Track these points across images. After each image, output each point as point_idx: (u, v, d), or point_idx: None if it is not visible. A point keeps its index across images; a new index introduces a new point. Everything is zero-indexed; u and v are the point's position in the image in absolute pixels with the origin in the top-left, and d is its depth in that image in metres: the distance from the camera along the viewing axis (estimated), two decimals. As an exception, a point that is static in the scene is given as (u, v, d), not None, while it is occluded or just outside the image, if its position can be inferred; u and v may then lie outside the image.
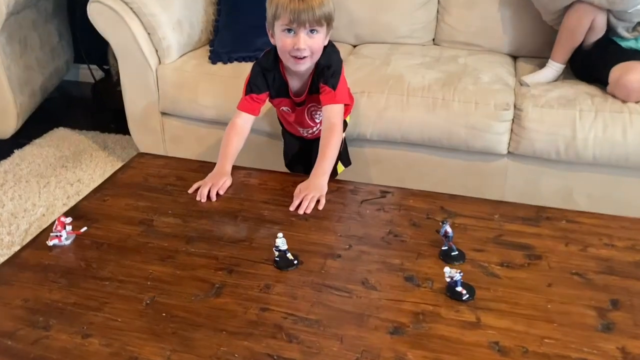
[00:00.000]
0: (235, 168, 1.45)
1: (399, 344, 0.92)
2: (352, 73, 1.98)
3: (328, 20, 1.41)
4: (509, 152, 1.83)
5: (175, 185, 1.38)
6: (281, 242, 1.10)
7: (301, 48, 1.38)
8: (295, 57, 1.41)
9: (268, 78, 1.52)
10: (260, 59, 1.55)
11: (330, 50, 1.49)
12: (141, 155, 1.56)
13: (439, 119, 1.80)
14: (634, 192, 1.79)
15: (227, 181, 1.38)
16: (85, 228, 1.20)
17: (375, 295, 1.03)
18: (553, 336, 0.94)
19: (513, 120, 1.79)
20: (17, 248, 1.84)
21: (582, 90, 1.82)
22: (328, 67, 1.46)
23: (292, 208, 1.28)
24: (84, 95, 3.06)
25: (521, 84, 1.92)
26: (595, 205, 1.78)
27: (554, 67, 1.93)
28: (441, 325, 0.96)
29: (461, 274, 1.01)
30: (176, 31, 2.09)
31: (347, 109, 1.68)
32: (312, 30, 1.38)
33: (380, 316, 0.98)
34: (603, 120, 1.71)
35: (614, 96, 1.78)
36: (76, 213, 1.27)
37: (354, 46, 2.33)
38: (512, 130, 1.80)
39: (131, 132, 2.29)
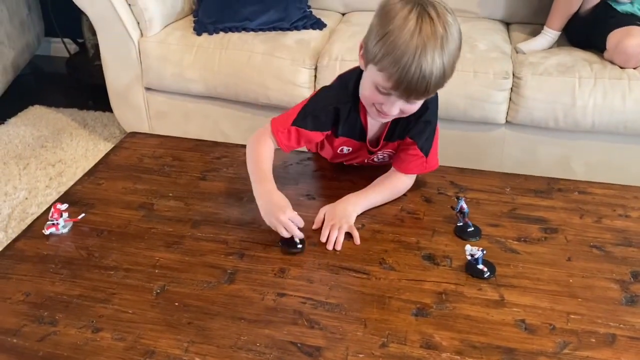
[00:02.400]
0: (233, 146, 1.39)
1: (424, 326, 0.90)
2: (346, 40, 1.92)
3: (441, 87, 1.03)
4: (507, 121, 1.81)
5: (172, 166, 1.32)
6: None
7: (390, 115, 1.06)
8: (380, 112, 1.08)
9: (341, 113, 1.14)
10: (336, 85, 1.17)
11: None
12: (133, 134, 1.48)
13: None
14: (630, 159, 1.79)
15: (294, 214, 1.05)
16: (83, 214, 1.14)
17: (395, 276, 1.00)
18: (579, 312, 0.92)
19: (512, 89, 1.76)
20: (1, 234, 1.77)
21: (579, 57, 1.80)
22: (427, 123, 1.15)
23: (323, 239, 1.06)
24: (58, 71, 2.92)
25: (517, 52, 1.89)
26: (593, 173, 1.78)
27: (549, 35, 1.90)
28: (465, 304, 0.94)
29: (483, 251, 0.98)
30: (158, 1, 1.99)
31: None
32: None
33: (402, 297, 0.95)
34: (603, 87, 1.69)
35: (611, 62, 1.77)
36: (71, 198, 1.20)
37: (343, 14, 2.26)
38: (510, 99, 1.77)
39: (113, 109, 2.20)
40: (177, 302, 0.94)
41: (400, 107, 1.04)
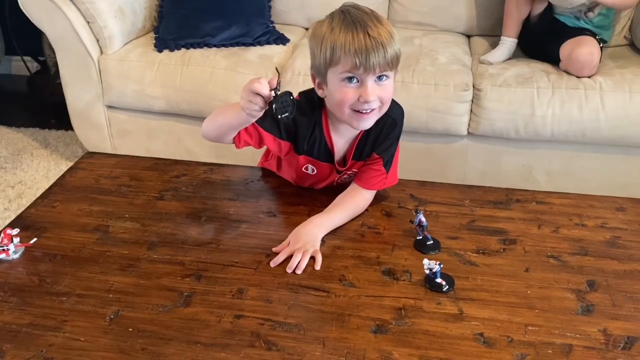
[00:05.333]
0: (194, 164, 1.37)
1: (383, 343, 0.89)
2: (309, 55, 1.91)
3: (398, 62, 1.07)
4: (468, 132, 1.82)
5: (129, 186, 1.29)
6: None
7: (370, 100, 1.05)
8: (359, 112, 1.08)
9: (300, 127, 1.14)
10: (301, 99, 1.16)
11: (394, 105, 1.16)
12: (90, 154, 1.45)
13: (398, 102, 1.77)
14: (590, 167, 1.82)
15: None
16: (35, 239, 1.10)
17: (354, 293, 0.99)
18: (536, 323, 0.93)
19: (472, 100, 1.78)
20: (-44, 260, 1.71)
21: (537, 68, 1.83)
22: (395, 140, 1.19)
23: (273, 264, 1.04)
24: (19, 90, 2.87)
25: (483, 63, 1.91)
26: (555, 182, 1.81)
27: (507, 42, 1.94)
28: (424, 319, 0.93)
29: (440, 265, 0.98)
30: (118, 19, 1.96)
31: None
32: (380, 77, 1.05)
33: (362, 314, 0.94)
34: (560, 97, 1.72)
35: (567, 72, 1.80)
36: (23, 222, 1.16)
37: (306, 29, 2.26)
38: (471, 110, 1.79)
39: (75, 129, 2.16)
40: (131, 328, 0.92)
41: (376, 93, 1.05)
